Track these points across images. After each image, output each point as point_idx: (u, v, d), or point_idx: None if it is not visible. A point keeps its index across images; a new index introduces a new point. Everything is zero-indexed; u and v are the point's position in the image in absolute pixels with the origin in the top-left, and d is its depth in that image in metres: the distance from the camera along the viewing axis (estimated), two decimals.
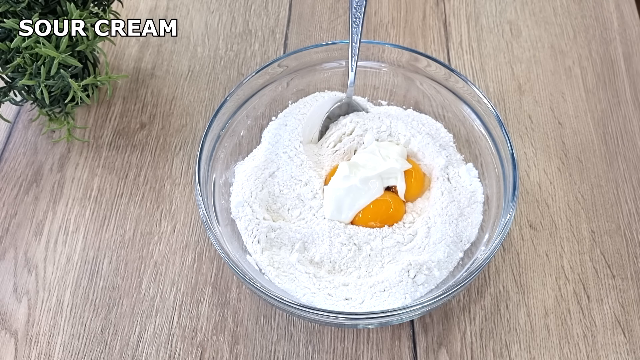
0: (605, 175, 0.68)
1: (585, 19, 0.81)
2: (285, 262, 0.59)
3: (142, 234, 0.65)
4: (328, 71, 0.69)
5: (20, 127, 0.73)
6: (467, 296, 0.61)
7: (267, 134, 0.68)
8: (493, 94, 0.75)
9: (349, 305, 0.57)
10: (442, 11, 0.83)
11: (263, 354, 0.58)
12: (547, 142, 0.71)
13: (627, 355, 0.57)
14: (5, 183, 0.69)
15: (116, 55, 0.80)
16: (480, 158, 0.64)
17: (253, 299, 0.61)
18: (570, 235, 0.64)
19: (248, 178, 0.64)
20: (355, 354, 0.58)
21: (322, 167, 0.66)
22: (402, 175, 0.63)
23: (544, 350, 0.58)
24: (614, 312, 0.59)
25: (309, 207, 0.62)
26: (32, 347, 0.59)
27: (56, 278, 0.63)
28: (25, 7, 0.63)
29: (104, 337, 0.59)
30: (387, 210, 0.62)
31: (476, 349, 0.58)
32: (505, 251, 0.63)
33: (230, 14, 0.84)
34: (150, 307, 0.61)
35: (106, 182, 0.69)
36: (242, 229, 0.61)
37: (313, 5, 0.85)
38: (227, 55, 0.79)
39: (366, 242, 0.60)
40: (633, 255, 0.63)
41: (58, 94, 0.66)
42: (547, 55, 0.78)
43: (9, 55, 0.63)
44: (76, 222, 0.66)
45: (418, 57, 0.66)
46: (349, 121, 0.68)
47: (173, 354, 0.58)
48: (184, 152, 0.71)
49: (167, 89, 0.76)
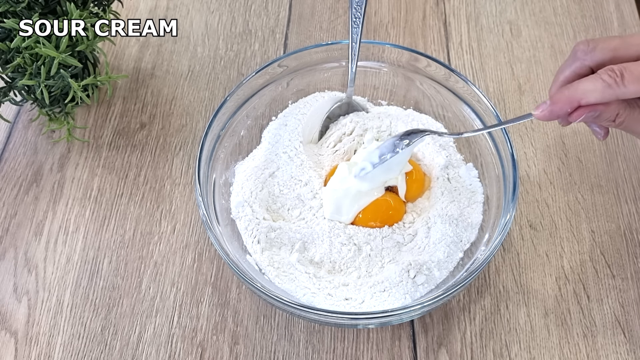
0: (605, 175, 0.68)
1: (585, 19, 0.81)
2: (285, 262, 0.59)
3: (142, 234, 0.65)
4: (328, 71, 0.69)
5: (20, 127, 0.74)
6: (467, 296, 0.61)
7: (267, 134, 0.68)
8: (493, 94, 0.75)
9: (349, 305, 0.57)
10: (442, 11, 0.83)
11: (263, 354, 0.58)
12: (547, 142, 0.71)
13: (627, 355, 0.57)
14: (5, 183, 0.69)
15: (116, 55, 0.80)
16: (480, 158, 0.64)
17: (253, 299, 0.61)
18: (570, 235, 0.64)
19: (248, 178, 0.64)
20: (355, 354, 0.58)
21: (322, 167, 0.66)
22: (402, 175, 0.63)
23: (544, 350, 0.58)
24: (614, 312, 0.59)
25: (309, 207, 0.62)
26: (32, 347, 0.59)
27: (56, 278, 0.63)
28: (25, 7, 0.63)
29: (104, 337, 0.59)
30: (388, 210, 0.62)
31: (476, 349, 0.58)
32: (505, 251, 0.63)
33: (230, 14, 0.84)
34: (150, 307, 0.61)
35: (106, 182, 0.69)
36: (242, 229, 0.61)
37: (313, 5, 0.85)
38: (227, 55, 0.79)
39: (366, 242, 0.60)
40: (633, 255, 0.63)
41: (58, 94, 0.66)
42: (547, 55, 0.78)
43: (9, 55, 0.63)
44: (76, 222, 0.66)
45: (418, 57, 0.66)
46: (349, 121, 0.68)
47: (173, 354, 0.58)
48: (184, 152, 0.71)
49: (167, 89, 0.76)
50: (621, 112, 0.50)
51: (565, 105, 0.49)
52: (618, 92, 0.47)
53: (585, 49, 0.50)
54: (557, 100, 0.49)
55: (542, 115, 0.50)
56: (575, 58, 0.51)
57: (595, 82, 0.48)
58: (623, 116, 0.50)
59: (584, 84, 0.49)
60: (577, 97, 0.48)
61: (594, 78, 0.48)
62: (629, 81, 0.47)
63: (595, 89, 0.48)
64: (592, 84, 0.48)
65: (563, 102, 0.49)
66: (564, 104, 0.49)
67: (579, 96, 0.48)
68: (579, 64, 0.51)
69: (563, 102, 0.49)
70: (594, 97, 0.48)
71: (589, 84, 0.48)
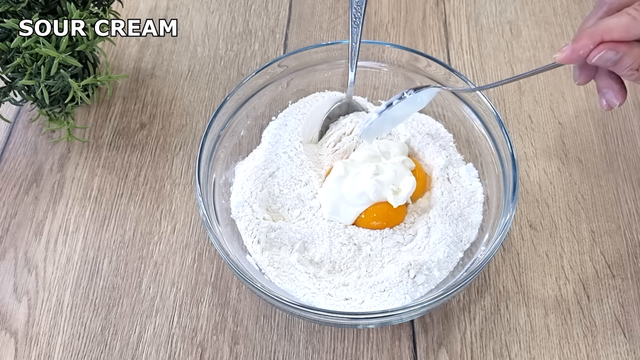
0: (605, 175, 0.68)
1: None
2: (285, 262, 0.59)
3: (142, 234, 0.65)
4: (328, 71, 0.69)
5: (20, 127, 0.74)
6: (467, 296, 0.61)
7: (267, 134, 0.68)
8: (493, 94, 0.75)
9: (349, 305, 0.57)
10: (442, 11, 0.83)
11: (263, 354, 0.58)
12: (547, 142, 0.71)
13: (627, 355, 0.57)
14: (5, 183, 0.69)
15: (116, 55, 0.80)
16: (480, 158, 0.64)
17: (253, 299, 0.61)
18: (570, 235, 0.64)
19: (248, 178, 0.64)
20: (355, 354, 0.58)
21: (322, 167, 0.66)
22: (409, 177, 0.63)
23: (544, 350, 0.58)
24: (614, 312, 0.59)
25: (309, 207, 0.63)
26: (32, 347, 0.59)
27: (56, 278, 0.63)
28: (25, 7, 0.63)
29: (104, 337, 0.59)
30: (389, 211, 0.61)
31: (476, 349, 0.58)
32: (505, 251, 0.63)
33: (230, 14, 0.84)
34: (150, 307, 0.61)
35: (106, 182, 0.69)
36: (242, 229, 0.61)
37: (313, 5, 0.85)
38: (227, 55, 0.79)
39: (366, 242, 0.60)
40: (633, 255, 0.63)
41: (58, 94, 0.66)
42: (547, 55, 0.78)
43: (9, 55, 0.63)
44: (76, 222, 0.66)
45: (418, 57, 0.66)
46: (349, 121, 0.68)
47: (173, 354, 0.58)
48: (184, 152, 0.71)
49: (167, 89, 0.76)
50: None
51: (587, 41, 0.46)
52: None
53: None
54: (579, 38, 0.46)
55: (565, 56, 0.46)
56: (602, 3, 0.49)
57: (620, 17, 0.46)
58: None
59: (608, 20, 0.46)
60: (599, 31, 0.46)
61: (620, 13, 0.46)
62: None
63: (620, 22, 0.45)
64: (617, 18, 0.46)
65: (585, 38, 0.46)
66: (586, 41, 0.46)
67: (602, 30, 0.46)
68: (606, 8, 0.48)
69: (585, 38, 0.46)
70: (618, 32, 0.45)
71: (614, 19, 0.46)
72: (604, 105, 0.51)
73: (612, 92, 0.50)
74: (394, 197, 0.60)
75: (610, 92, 0.50)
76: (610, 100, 0.50)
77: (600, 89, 0.51)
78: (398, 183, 0.61)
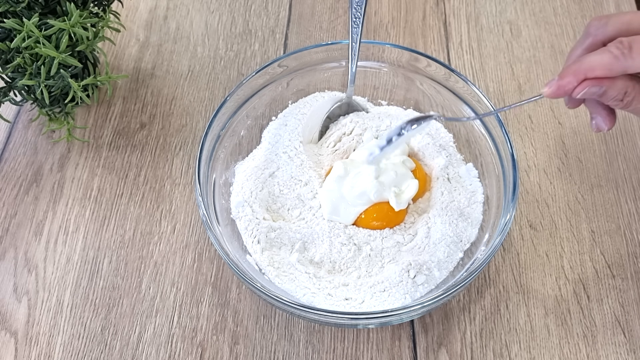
0: (605, 175, 0.68)
1: (585, 19, 0.81)
2: (285, 262, 0.59)
3: (142, 234, 0.65)
4: (328, 71, 0.69)
5: (20, 127, 0.74)
6: (467, 296, 0.61)
7: (267, 134, 0.68)
8: (493, 94, 0.75)
9: (349, 305, 0.57)
10: (442, 11, 0.83)
11: (263, 354, 0.58)
12: (547, 142, 0.71)
13: (627, 355, 0.57)
14: (5, 183, 0.69)
15: (116, 55, 0.80)
16: (480, 158, 0.64)
17: (253, 299, 0.61)
18: (570, 235, 0.64)
19: (248, 178, 0.64)
20: (355, 354, 0.58)
21: (322, 167, 0.66)
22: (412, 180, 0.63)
23: (544, 350, 0.58)
24: (614, 312, 0.59)
25: (309, 207, 0.63)
26: (32, 347, 0.59)
27: (56, 278, 0.63)
28: (25, 7, 0.63)
29: (104, 337, 0.59)
30: (389, 211, 0.61)
31: (476, 349, 0.58)
32: (505, 251, 0.63)
33: (230, 14, 0.84)
34: (150, 307, 0.61)
35: (106, 182, 0.69)
36: (242, 229, 0.61)
37: (313, 5, 0.85)
38: (227, 55, 0.79)
39: (366, 242, 0.60)
40: (633, 255, 0.63)
41: (58, 94, 0.66)
42: (547, 55, 0.78)
43: (9, 55, 0.63)
44: (76, 222, 0.66)
45: (418, 57, 0.66)
46: (349, 121, 0.68)
47: (173, 354, 0.58)
48: (184, 152, 0.71)
49: (167, 89, 0.76)
50: (629, 91, 0.48)
51: (572, 79, 0.47)
52: (625, 65, 0.46)
53: (597, 24, 0.49)
54: (564, 75, 0.48)
55: (551, 91, 0.48)
56: (588, 34, 0.50)
57: (602, 54, 0.47)
58: (632, 95, 0.48)
59: (591, 57, 0.47)
60: (583, 69, 0.47)
61: (602, 50, 0.47)
62: (637, 53, 0.45)
63: (602, 60, 0.46)
64: (600, 56, 0.47)
65: (570, 75, 0.47)
66: (570, 77, 0.47)
67: (585, 68, 0.47)
68: (591, 39, 0.49)
69: (570, 75, 0.47)
70: (600, 69, 0.47)
71: (597, 56, 0.47)
72: (594, 128, 0.53)
73: (601, 118, 0.52)
74: (396, 200, 0.60)
75: (599, 118, 0.52)
76: (599, 125, 0.52)
77: (590, 113, 0.53)
78: (399, 184, 0.61)
